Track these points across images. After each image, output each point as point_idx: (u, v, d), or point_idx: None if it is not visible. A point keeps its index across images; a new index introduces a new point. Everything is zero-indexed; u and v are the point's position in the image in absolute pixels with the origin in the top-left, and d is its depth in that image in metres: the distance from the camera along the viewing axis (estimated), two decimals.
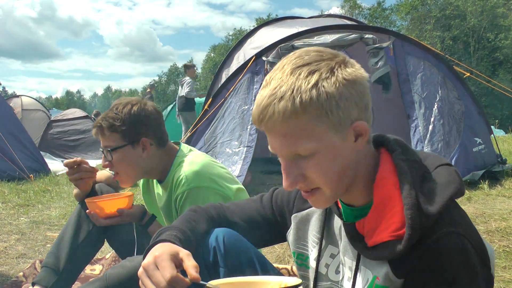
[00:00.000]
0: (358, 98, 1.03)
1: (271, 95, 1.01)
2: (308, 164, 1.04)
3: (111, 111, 2.04)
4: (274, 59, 5.45)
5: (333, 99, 1.00)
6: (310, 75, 1.01)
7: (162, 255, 1.11)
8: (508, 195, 4.81)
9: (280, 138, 1.03)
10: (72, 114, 11.83)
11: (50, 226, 4.27)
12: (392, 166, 1.09)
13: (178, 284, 1.08)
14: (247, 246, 1.36)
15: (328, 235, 1.27)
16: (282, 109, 0.99)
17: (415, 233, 0.97)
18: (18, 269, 3.02)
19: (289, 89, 1.00)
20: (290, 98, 0.99)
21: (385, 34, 5.73)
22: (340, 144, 1.04)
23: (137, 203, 2.29)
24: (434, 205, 1.00)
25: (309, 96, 0.99)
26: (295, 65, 1.03)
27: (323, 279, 1.28)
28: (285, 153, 1.05)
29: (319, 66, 1.02)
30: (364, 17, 47.69)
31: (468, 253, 0.98)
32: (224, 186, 2.00)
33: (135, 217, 2.12)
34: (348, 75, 1.02)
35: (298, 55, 1.06)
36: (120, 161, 2.03)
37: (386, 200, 1.05)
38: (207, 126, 5.51)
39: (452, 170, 1.09)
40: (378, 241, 1.04)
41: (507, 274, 2.73)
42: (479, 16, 37.67)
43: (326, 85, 1.00)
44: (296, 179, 1.07)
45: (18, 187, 6.43)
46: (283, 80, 1.01)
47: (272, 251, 3.21)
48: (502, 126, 21.79)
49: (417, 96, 5.49)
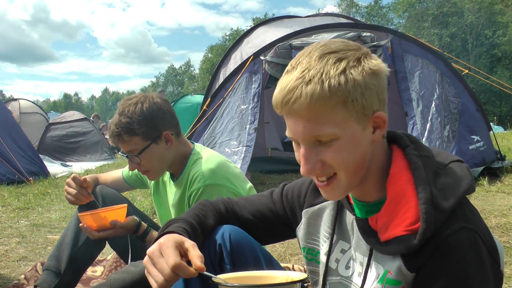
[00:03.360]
0: (380, 90, 1.06)
1: (298, 78, 1.02)
2: (328, 150, 1.05)
3: (123, 116, 1.99)
4: (272, 58, 5.45)
5: (360, 87, 1.01)
6: (338, 62, 1.02)
7: (167, 243, 1.12)
8: (507, 191, 4.82)
9: (304, 122, 1.03)
10: (70, 117, 11.82)
11: (50, 228, 4.27)
12: (405, 162, 1.10)
13: (182, 271, 1.09)
14: (253, 244, 1.36)
15: (339, 230, 1.27)
16: (310, 92, 1.00)
17: (429, 228, 0.98)
18: (19, 272, 3.02)
19: (318, 73, 1.01)
20: (319, 81, 1.00)
21: (383, 32, 5.74)
22: (360, 134, 1.05)
23: (140, 206, 2.28)
24: (448, 201, 1.01)
25: (337, 81, 1.00)
26: (322, 51, 1.04)
27: (333, 274, 1.28)
28: (307, 138, 1.05)
29: (347, 55, 1.04)
30: (361, 16, 47.74)
31: (480, 249, 0.99)
32: (238, 185, 2.01)
33: (128, 229, 2.09)
34: (374, 66, 1.05)
35: (324, 44, 1.07)
36: (148, 161, 2.03)
37: (400, 195, 1.06)
38: (206, 126, 5.51)
39: (464, 166, 1.10)
40: (391, 236, 1.05)
41: (508, 269, 2.74)
42: (476, 13, 37.75)
43: (354, 72, 1.02)
44: (315, 166, 1.07)
45: (18, 191, 6.42)
46: (311, 65, 1.03)
47: (273, 250, 3.21)
48: (501, 123, 21.84)
49: (415, 93, 5.50)
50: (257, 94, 5.42)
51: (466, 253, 0.97)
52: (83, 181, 2.20)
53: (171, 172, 2.19)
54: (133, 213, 2.24)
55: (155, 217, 3.95)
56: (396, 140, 1.16)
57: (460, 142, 5.41)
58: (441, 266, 0.99)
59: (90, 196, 2.21)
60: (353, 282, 1.20)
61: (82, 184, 2.20)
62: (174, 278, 1.11)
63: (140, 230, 2.10)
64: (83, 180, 2.20)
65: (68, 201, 2.25)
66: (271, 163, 7.03)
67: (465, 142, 5.46)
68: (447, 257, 0.98)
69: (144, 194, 5.48)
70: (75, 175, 2.21)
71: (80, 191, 2.20)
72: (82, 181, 2.20)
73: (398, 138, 1.16)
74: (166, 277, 1.10)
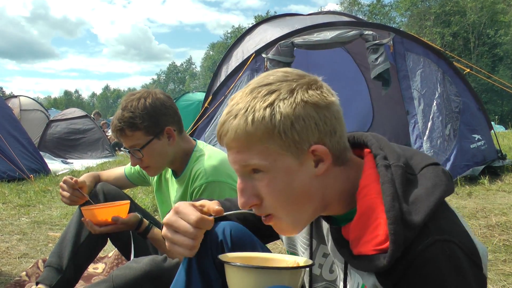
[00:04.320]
0: (320, 122, 1.00)
1: (227, 113, 1.03)
2: (262, 184, 1.03)
3: (126, 110, 2.00)
4: (273, 56, 5.46)
5: (288, 119, 0.98)
6: (268, 94, 1.00)
7: (181, 205, 1.16)
8: (508, 190, 4.82)
9: (234, 153, 1.04)
10: (71, 114, 11.79)
11: (51, 226, 4.27)
12: (375, 171, 1.05)
13: (204, 224, 1.13)
14: (254, 240, 1.36)
15: (318, 235, 1.26)
16: (234, 127, 1.00)
17: (398, 248, 0.94)
18: (20, 269, 3.03)
19: (244, 107, 1.00)
20: (243, 116, 0.99)
21: (385, 30, 5.74)
22: (296, 167, 1.02)
23: (141, 203, 2.29)
24: (419, 215, 0.96)
25: (261, 115, 0.98)
26: (257, 84, 1.03)
27: (318, 280, 1.27)
28: (239, 168, 1.05)
29: (280, 86, 1.01)
30: (363, 14, 47.70)
31: (457, 258, 0.95)
32: None
33: (130, 225, 2.08)
34: (309, 97, 1.00)
35: (265, 74, 1.06)
36: (150, 156, 2.04)
37: (370, 209, 1.02)
38: (208, 124, 5.51)
39: (439, 170, 1.05)
40: (362, 253, 1.01)
41: (507, 267, 2.74)
42: (479, 12, 37.71)
43: (282, 105, 0.99)
44: (250, 199, 1.06)
45: (19, 188, 6.43)
46: (242, 98, 1.02)
47: (275, 247, 3.21)
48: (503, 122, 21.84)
49: (416, 92, 5.50)
50: None
51: (441, 265, 0.94)
52: (75, 183, 2.20)
53: (173, 169, 2.20)
54: (135, 210, 2.24)
55: (156, 215, 3.96)
56: (368, 145, 1.12)
57: (461, 141, 5.41)
58: (417, 282, 0.95)
59: (84, 197, 2.22)
60: (339, 287, 1.19)
61: (74, 186, 2.20)
62: (199, 235, 1.14)
63: (141, 227, 2.10)
64: (74, 182, 2.20)
65: (64, 203, 2.26)
66: None
67: (466, 141, 5.46)
68: (421, 272, 0.94)
69: (146, 191, 5.48)
70: (65, 178, 2.21)
71: (73, 193, 2.20)
72: (73, 184, 2.20)
73: (369, 144, 1.11)
74: (191, 236, 1.13)
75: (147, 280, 1.83)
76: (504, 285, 2.51)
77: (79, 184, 2.22)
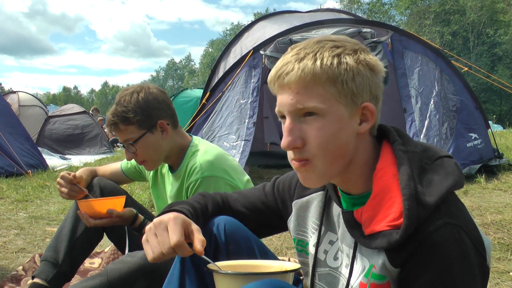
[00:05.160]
0: (373, 85, 1.07)
1: (293, 55, 1.07)
2: (311, 127, 1.06)
3: (119, 105, 2.03)
4: (272, 53, 5.46)
5: (352, 71, 1.04)
6: (335, 47, 1.06)
7: (176, 219, 1.16)
8: (504, 189, 4.84)
9: (292, 94, 1.06)
10: (69, 110, 11.79)
11: (49, 221, 4.29)
12: (392, 156, 1.10)
13: (181, 250, 1.13)
14: (248, 235, 1.38)
15: (327, 221, 1.28)
16: (302, 66, 1.04)
17: (412, 224, 0.98)
18: (17, 263, 3.04)
19: (313, 52, 1.05)
20: (312, 58, 1.04)
21: (383, 28, 5.75)
22: (345, 119, 1.06)
23: (138, 199, 2.30)
24: (432, 196, 1.01)
25: (330, 61, 1.04)
26: (322, 38, 1.09)
27: (321, 265, 1.29)
28: (293, 110, 1.07)
29: (345, 44, 1.08)
30: (363, 12, 47.64)
31: (464, 244, 0.99)
32: (235, 178, 2.04)
33: (125, 219, 2.09)
34: (370, 59, 1.07)
35: (325, 35, 1.11)
36: (144, 150, 2.06)
37: (385, 190, 1.06)
38: (205, 120, 5.52)
39: (452, 162, 1.10)
40: (375, 230, 1.05)
41: (501, 265, 2.76)
42: (478, 11, 37.69)
43: (348, 58, 1.05)
44: (296, 141, 1.08)
45: (17, 183, 6.43)
46: (308, 45, 1.08)
47: (270, 243, 3.23)
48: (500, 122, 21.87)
49: (414, 90, 5.51)
50: (257, 89, 5.43)
51: (449, 248, 0.98)
52: (73, 178, 2.22)
53: (169, 164, 2.21)
54: (131, 205, 2.25)
55: (153, 210, 3.97)
56: (386, 135, 1.17)
57: (458, 140, 5.42)
58: (425, 262, 0.99)
59: (82, 191, 2.23)
60: (341, 274, 1.21)
61: (72, 181, 2.21)
62: (170, 254, 1.14)
63: (136, 222, 2.11)
64: (72, 177, 2.22)
65: (63, 198, 2.28)
66: (269, 157, 7.05)
67: (463, 140, 5.47)
68: (430, 252, 0.98)
69: (143, 187, 5.49)
70: (63, 174, 2.22)
71: (72, 188, 2.22)
72: (71, 179, 2.21)
73: (387, 133, 1.16)
74: (164, 250, 1.13)
75: (141, 274, 1.84)
76: (498, 283, 2.53)
77: (77, 179, 2.23)
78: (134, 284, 1.85)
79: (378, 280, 1.06)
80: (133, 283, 1.85)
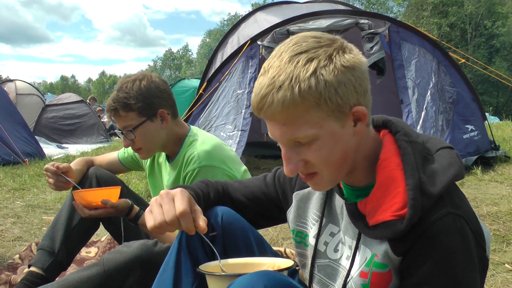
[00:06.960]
0: (356, 84, 1.04)
1: (269, 84, 1.02)
2: (309, 150, 1.06)
3: (121, 91, 2.03)
4: (269, 43, 5.44)
5: (332, 86, 1.00)
6: (308, 62, 1.01)
7: (183, 193, 1.19)
8: (500, 181, 4.86)
9: (279, 127, 1.04)
10: (67, 99, 11.76)
11: (45, 209, 4.29)
12: (395, 147, 1.11)
13: (186, 220, 1.15)
14: (245, 226, 1.38)
15: (329, 213, 1.29)
16: (281, 99, 1.00)
17: (416, 213, 1.00)
18: (14, 252, 3.05)
19: (288, 78, 1.00)
20: (288, 87, 1.00)
21: (380, 19, 5.73)
22: (340, 130, 1.05)
23: (134, 188, 2.29)
24: (436, 186, 1.02)
25: (307, 85, 0.99)
26: (293, 52, 1.03)
27: (321, 257, 1.30)
28: (285, 141, 1.07)
29: (318, 53, 1.02)
30: (360, 3, 47.44)
31: (466, 234, 1.00)
32: (232, 168, 2.04)
33: (120, 210, 2.06)
34: (347, 62, 1.03)
35: (296, 42, 1.05)
36: (142, 138, 2.06)
37: (389, 180, 1.07)
38: (202, 110, 5.51)
39: (453, 153, 1.11)
40: (379, 221, 1.06)
41: (496, 256, 2.78)
42: (476, 3, 37.57)
43: (324, 73, 1.00)
44: (297, 166, 1.08)
45: (13, 171, 6.43)
46: (281, 69, 1.02)
47: (266, 233, 3.24)
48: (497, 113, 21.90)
49: (410, 82, 5.51)
50: (254, 79, 5.42)
51: (452, 238, 0.99)
52: (56, 169, 2.20)
53: (166, 153, 2.21)
54: (128, 195, 2.25)
55: (149, 200, 3.97)
56: (388, 126, 1.17)
57: (454, 131, 5.44)
58: (427, 251, 1.00)
59: (69, 182, 2.20)
60: (341, 265, 1.22)
61: (56, 173, 2.19)
62: (174, 224, 1.16)
63: (132, 213, 2.09)
64: (56, 168, 2.20)
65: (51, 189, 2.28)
66: (266, 148, 7.05)
67: (459, 131, 5.49)
68: (433, 241, 0.99)
69: (139, 176, 5.50)
70: (46, 166, 2.20)
71: (58, 179, 2.20)
72: (55, 170, 2.19)
73: (389, 124, 1.17)
74: (168, 218, 1.15)
75: (137, 264, 1.84)
76: (493, 274, 2.55)
77: (63, 169, 2.20)
78: (130, 274, 1.85)
79: (379, 269, 1.07)
80: (129, 273, 1.85)
